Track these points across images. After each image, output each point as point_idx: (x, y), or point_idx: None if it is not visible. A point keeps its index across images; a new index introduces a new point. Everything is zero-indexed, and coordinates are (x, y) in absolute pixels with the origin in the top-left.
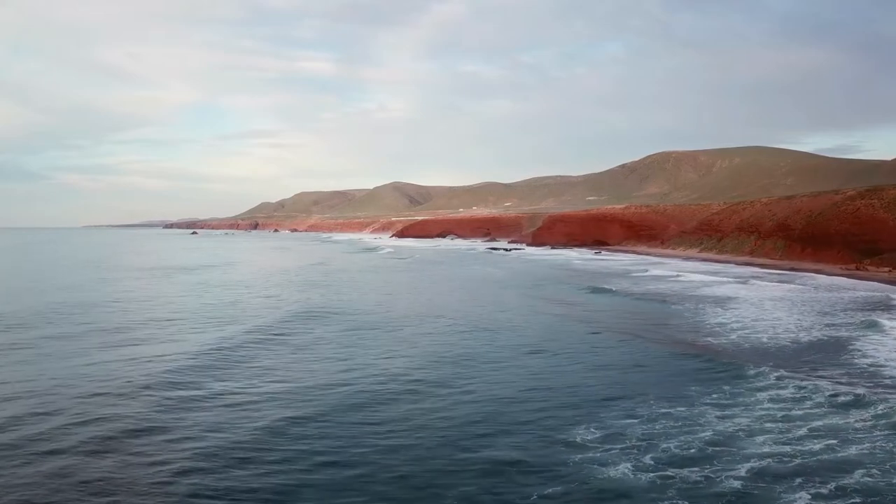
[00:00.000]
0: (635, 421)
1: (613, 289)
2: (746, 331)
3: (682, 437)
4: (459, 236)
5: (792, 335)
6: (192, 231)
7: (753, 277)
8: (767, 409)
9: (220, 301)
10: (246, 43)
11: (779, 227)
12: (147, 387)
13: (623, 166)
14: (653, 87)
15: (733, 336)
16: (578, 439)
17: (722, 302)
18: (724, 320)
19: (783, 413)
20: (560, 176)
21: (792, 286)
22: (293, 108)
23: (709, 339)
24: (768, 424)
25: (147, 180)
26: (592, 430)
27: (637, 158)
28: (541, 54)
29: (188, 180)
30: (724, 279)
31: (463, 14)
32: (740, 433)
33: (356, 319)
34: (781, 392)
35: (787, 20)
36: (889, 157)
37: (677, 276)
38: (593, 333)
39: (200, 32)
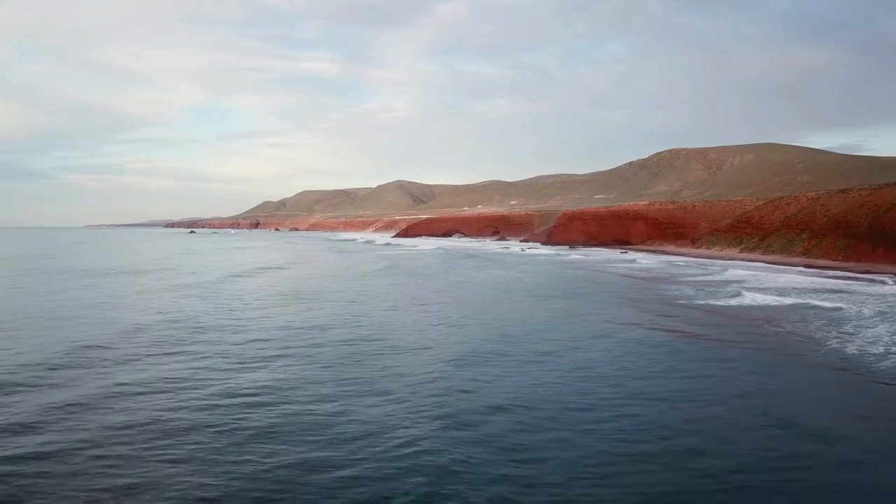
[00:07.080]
0: None
1: (730, 302)
2: None
3: None
4: (466, 235)
5: None
6: (190, 230)
7: (838, 281)
8: None
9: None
10: (249, 44)
11: (836, 223)
12: None
13: (631, 164)
14: (655, 87)
15: None
16: None
17: (837, 321)
18: (861, 349)
19: None
20: (565, 174)
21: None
22: (296, 108)
23: (882, 384)
24: None
25: (151, 180)
26: None
27: (646, 156)
28: (542, 54)
29: (191, 180)
30: (809, 282)
31: (465, 14)
32: None
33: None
34: None
35: (788, 19)
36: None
37: (742, 280)
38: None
39: (204, 33)
